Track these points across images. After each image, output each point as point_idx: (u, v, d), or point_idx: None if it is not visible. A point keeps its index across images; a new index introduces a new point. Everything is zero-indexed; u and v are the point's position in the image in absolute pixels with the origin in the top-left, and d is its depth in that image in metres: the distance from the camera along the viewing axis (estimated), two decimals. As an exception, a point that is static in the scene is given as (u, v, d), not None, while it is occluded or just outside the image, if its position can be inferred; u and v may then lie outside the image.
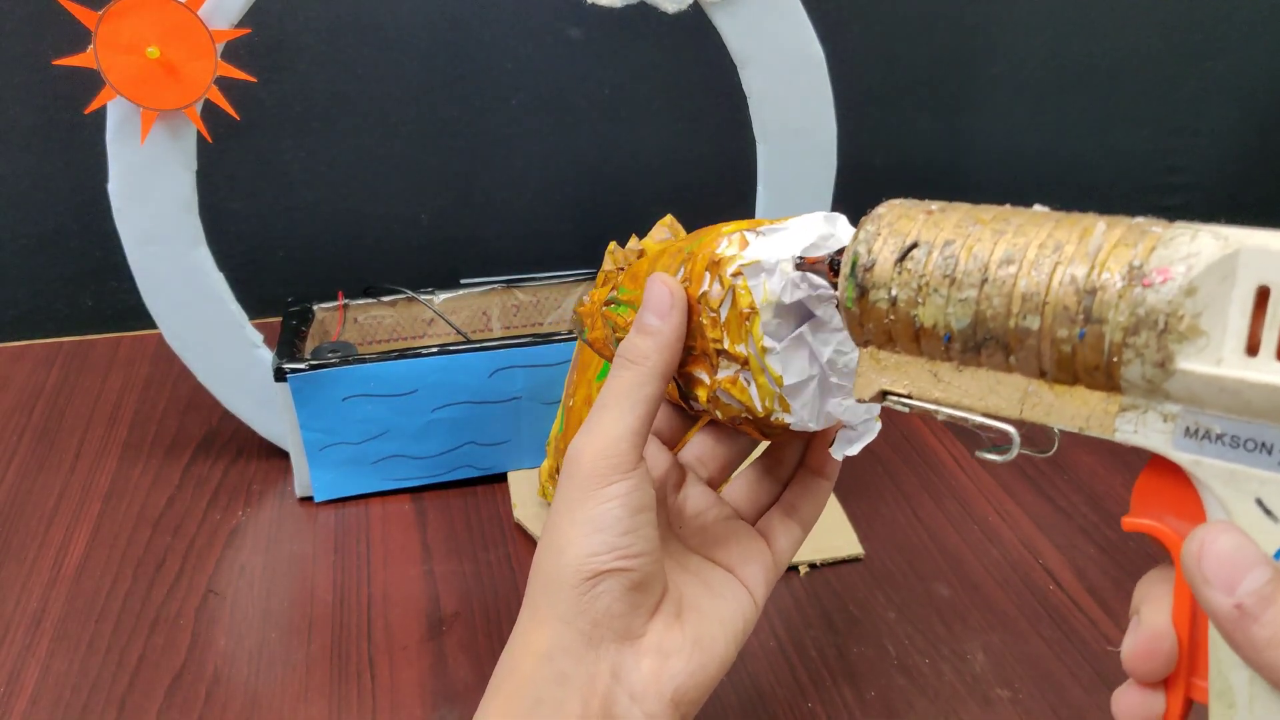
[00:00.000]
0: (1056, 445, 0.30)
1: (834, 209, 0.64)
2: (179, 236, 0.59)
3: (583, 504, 0.34)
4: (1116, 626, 0.53)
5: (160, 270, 0.60)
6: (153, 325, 0.61)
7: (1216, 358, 0.25)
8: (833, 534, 0.59)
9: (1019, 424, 0.30)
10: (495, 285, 0.71)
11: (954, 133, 0.97)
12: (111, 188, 0.57)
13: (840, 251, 0.33)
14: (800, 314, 0.35)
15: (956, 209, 0.31)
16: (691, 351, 0.37)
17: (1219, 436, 0.26)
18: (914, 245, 0.30)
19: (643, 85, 0.88)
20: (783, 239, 0.35)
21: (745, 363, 0.36)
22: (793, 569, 0.57)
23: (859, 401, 0.33)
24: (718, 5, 0.58)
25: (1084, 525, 0.61)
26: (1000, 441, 0.30)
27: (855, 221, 0.33)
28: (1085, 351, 0.27)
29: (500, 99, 0.86)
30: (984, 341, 0.29)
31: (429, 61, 0.83)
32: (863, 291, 0.31)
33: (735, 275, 0.35)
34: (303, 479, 0.63)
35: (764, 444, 0.42)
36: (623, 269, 0.45)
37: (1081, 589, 0.56)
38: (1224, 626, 0.25)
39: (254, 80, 0.55)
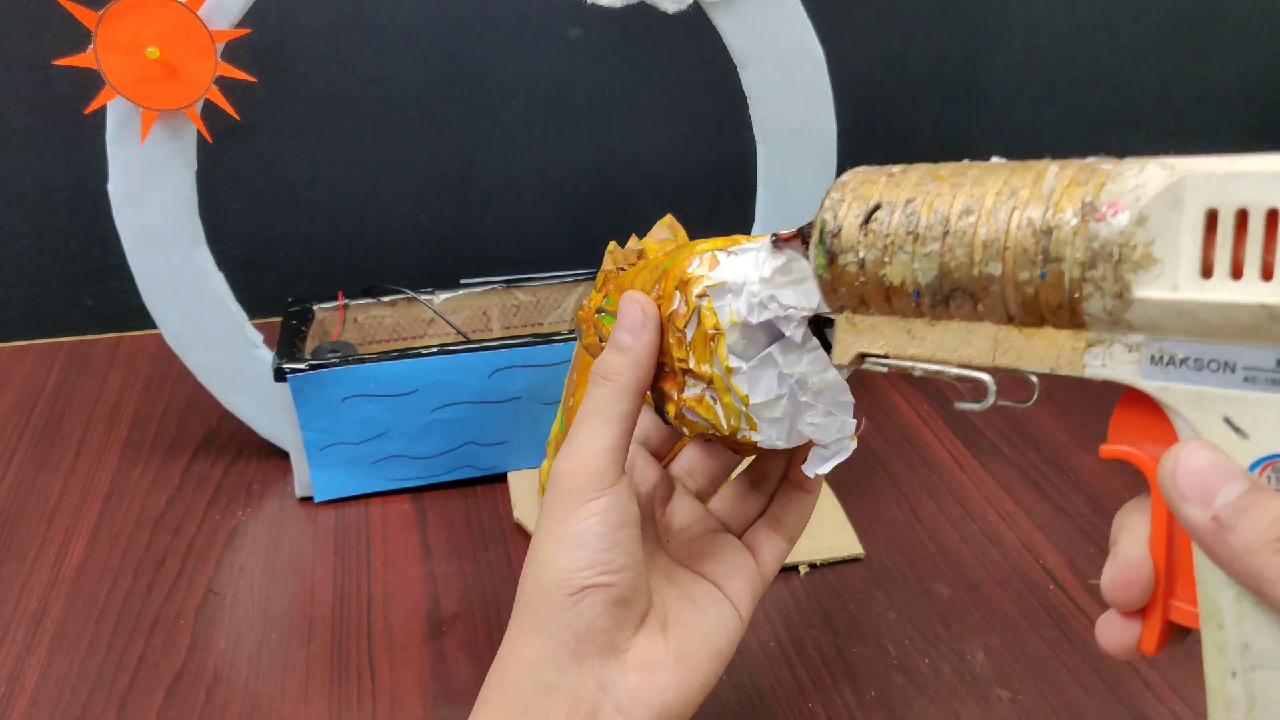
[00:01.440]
0: (1035, 396, 0.31)
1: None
2: (179, 236, 0.59)
3: (563, 520, 0.35)
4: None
5: (160, 270, 0.60)
6: (153, 325, 0.61)
7: (1172, 283, 0.26)
8: (833, 534, 0.59)
9: (994, 372, 0.31)
10: (495, 285, 0.71)
11: (953, 133, 0.97)
12: (111, 188, 0.57)
13: (810, 224, 0.33)
14: (770, 334, 0.35)
15: (916, 168, 0.32)
16: (664, 367, 0.37)
17: (1183, 361, 0.27)
18: (877, 207, 0.31)
19: (643, 85, 0.88)
20: (751, 260, 0.35)
21: (711, 382, 0.35)
22: (793, 569, 0.57)
23: (838, 367, 0.33)
24: (718, 5, 0.58)
25: (1084, 525, 0.61)
26: (978, 393, 0.31)
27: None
28: (1048, 291, 0.28)
29: (500, 99, 0.86)
30: (951, 293, 0.30)
31: (429, 61, 0.83)
32: (832, 257, 0.32)
33: (700, 296, 0.35)
34: (303, 479, 0.63)
35: (750, 456, 0.42)
36: (622, 269, 0.45)
37: (1081, 589, 0.56)
38: (1202, 540, 0.26)
39: (254, 80, 0.55)
